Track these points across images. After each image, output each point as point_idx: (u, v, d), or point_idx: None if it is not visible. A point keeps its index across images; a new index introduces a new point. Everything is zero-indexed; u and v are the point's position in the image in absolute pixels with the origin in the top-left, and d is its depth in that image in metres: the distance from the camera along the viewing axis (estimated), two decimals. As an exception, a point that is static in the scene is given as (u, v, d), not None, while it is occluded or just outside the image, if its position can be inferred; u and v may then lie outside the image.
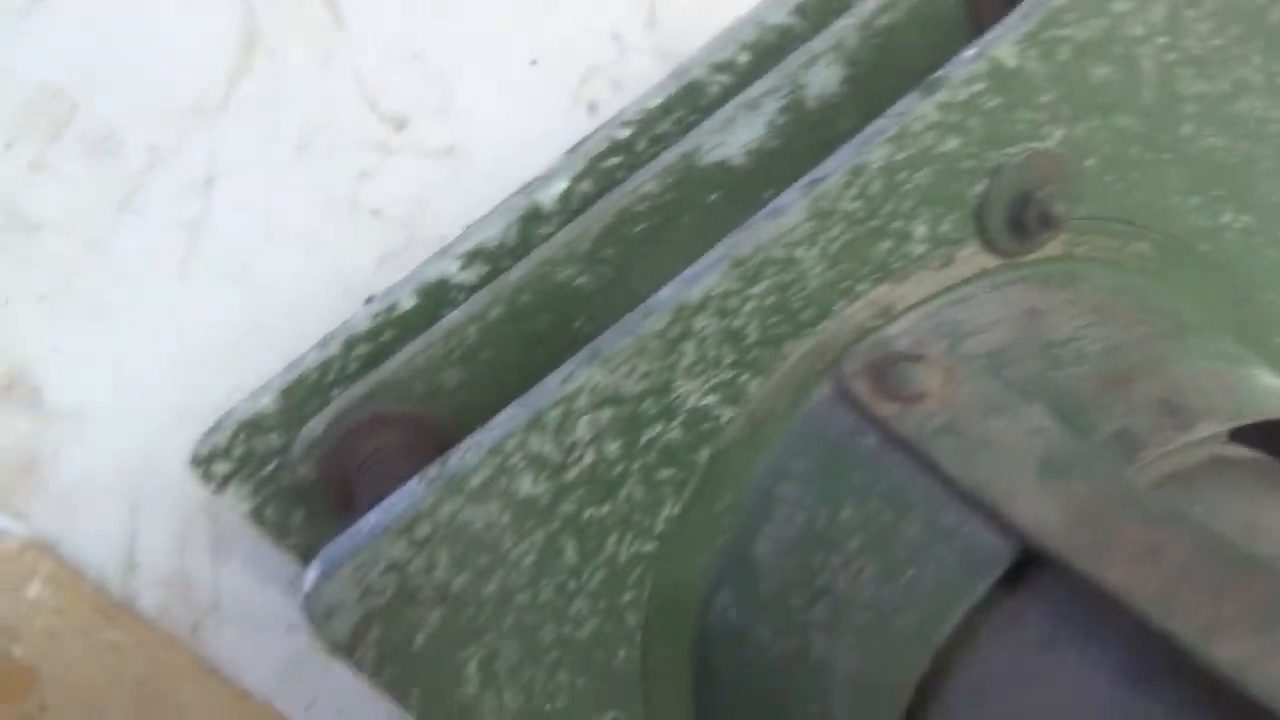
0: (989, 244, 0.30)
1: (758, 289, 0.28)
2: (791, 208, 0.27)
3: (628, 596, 0.29)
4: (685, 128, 0.38)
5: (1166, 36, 0.30)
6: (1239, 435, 0.28)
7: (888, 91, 0.35)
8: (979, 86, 0.28)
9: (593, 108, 0.50)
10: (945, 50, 0.36)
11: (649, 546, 0.29)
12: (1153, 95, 0.30)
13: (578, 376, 0.27)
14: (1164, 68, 0.30)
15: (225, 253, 0.40)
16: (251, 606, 0.45)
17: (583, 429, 0.27)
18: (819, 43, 0.35)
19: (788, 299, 0.28)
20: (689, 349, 0.28)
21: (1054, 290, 0.30)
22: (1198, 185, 0.32)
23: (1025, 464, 0.25)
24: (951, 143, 0.28)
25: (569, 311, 0.35)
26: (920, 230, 0.29)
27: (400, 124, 0.44)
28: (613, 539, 0.28)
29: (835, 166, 0.28)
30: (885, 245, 0.29)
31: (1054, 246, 0.31)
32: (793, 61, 0.35)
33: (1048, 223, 0.29)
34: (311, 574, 0.25)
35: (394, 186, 0.45)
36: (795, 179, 0.35)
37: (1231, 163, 0.33)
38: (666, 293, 0.27)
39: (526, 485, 0.27)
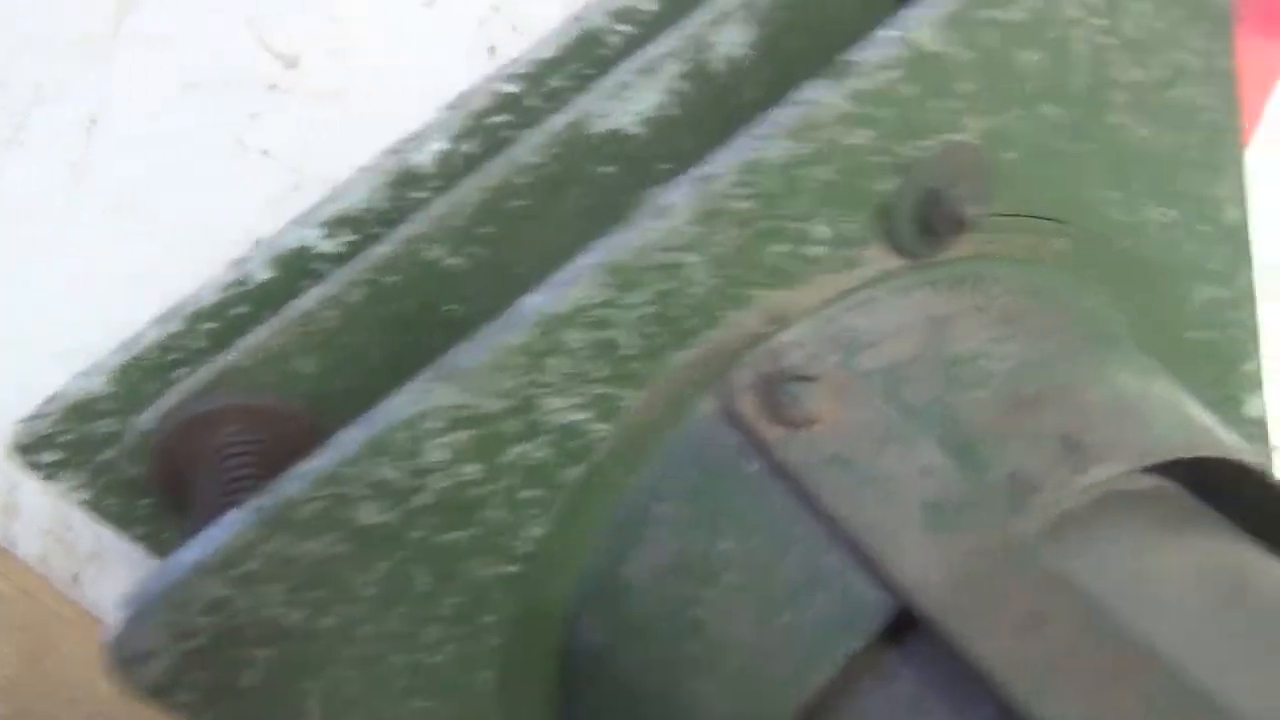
0: (895, 245, 0.27)
1: (636, 298, 0.25)
2: (676, 208, 0.24)
3: (488, 619, 0.27)
4: (582, 82, 0.35)
5: (1105, 19, 0.27)
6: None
7: (801, 56, 0.32)
8: (895, 74, 0.25)
9: (492, 51, 0.47)
10: (868, 9, 0.32)
11: (512, 568, 0.27)
12: (1083, 83, 0.28)
13: (428, 396, 0.24)
14: (1098, 53, 0.27)
15: (111, 190, 0.39)
16: (133, 555, 0.44)
17: (434, 452, 0.24)
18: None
19: (670, 308, 0.25)
20: (556, 364, 0.25)
21: (962, 295, 0.28)
22: (1121, 178, 0.30)
23: (913, 510, 0.23)
24: (860, 135, 0.25)
25: (440, 294, 0.32)
26: (820, 231, 0.26)
27: (292, 63, 0.42)
28: (471, 563, 0.26)
29: (727, 161, 0.24)
30: (781, 248, 0.26)
31: (965, 245, 0.29)
32: (698, 19, 0.31)
33: (958, 226, 0.26)
34: (117, 616, 0.23)
35: (284, 127, 0.44)
36: (697, 151, 0.32)
37: (1157, 154, 0.30)
38: (532, 301, 0.24)
39: (368, 514, 0.24)
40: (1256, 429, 0.40)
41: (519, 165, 0.31)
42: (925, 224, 0.27)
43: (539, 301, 0.24)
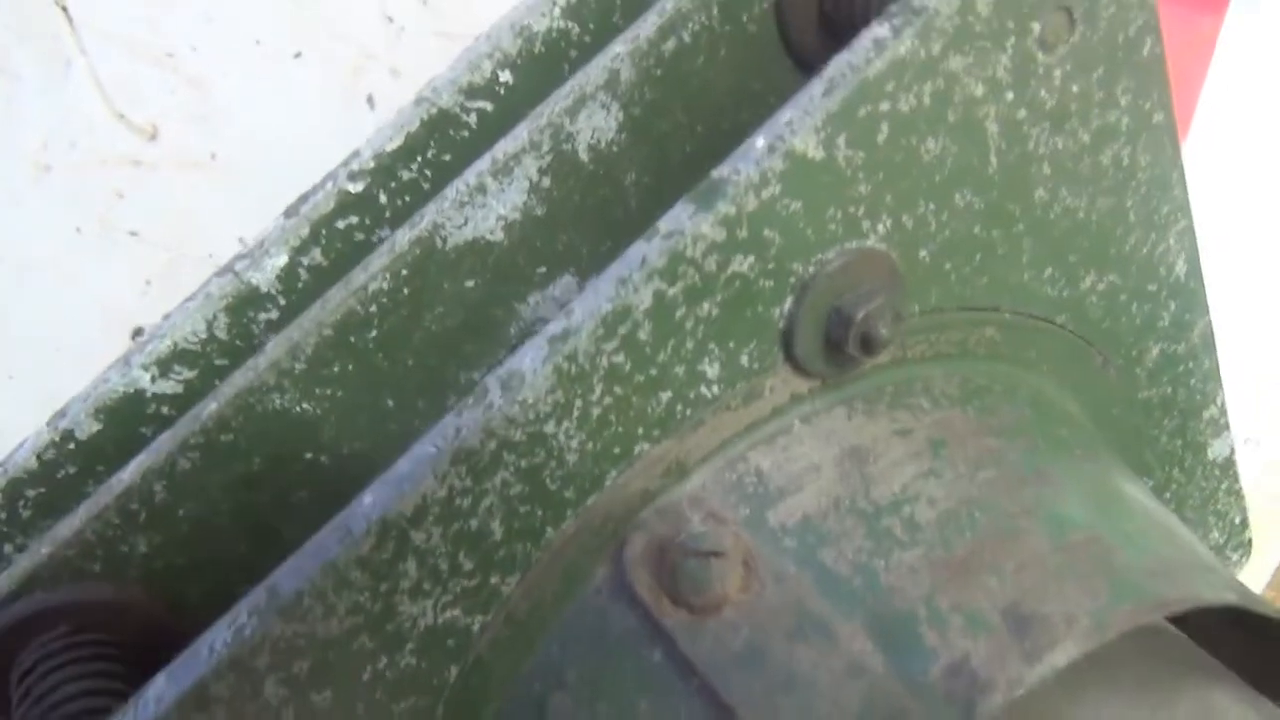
0: (801, 370, 0.24)
1: (495, 481, 0.21)
2: (527, 378, 0.20)
3: None
4: (438, 171, 0.30)
5: (1013, 91, 0.23)
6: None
7: (678, 135, 0.28)
8: (773, 190, 0.21)
9: (371, 101, 0.43)
10: (753, 76, 0.28)
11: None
12: (999, 162, 0.24)
13: (251, 629, 0.20)
14: (1013, 128, 0.23)
15: (-39, 293, 0.36)
16: None
17: (270, 689, 0.20)
18: (587, 78, 0.27)
19: (540, 483, 0.21)
20: (410, 568, 0.21)
21: (882, 415, 0.24)
22: (1053, 253, 0.26)
23: (839, 725, 0.19)
24: (743, 262, 0.21)
25: (293, 444, 0.27)
26: (711, 370, 0.22)
27: (153, 135, 0.38)
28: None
29: (585, 314, 0.20)
30: (665, 396, 0.22)
31: (882, 354, 0.25)
32: (553, 105, 0.27)
33: (871, 345, 0.23)
34: None
35: (152, 204, 0.40)
36: (575, 248, 0.28)
37: (1093, 221, 0.27)
38: (365, 505, 0.20)
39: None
40: (1220, 470, 0.37)
41: (364, 293, 0.26)
42: (833, 345, 0.23)
43: (372, 504, 0.20)
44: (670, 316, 0.21)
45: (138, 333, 0.34)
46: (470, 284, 0.27)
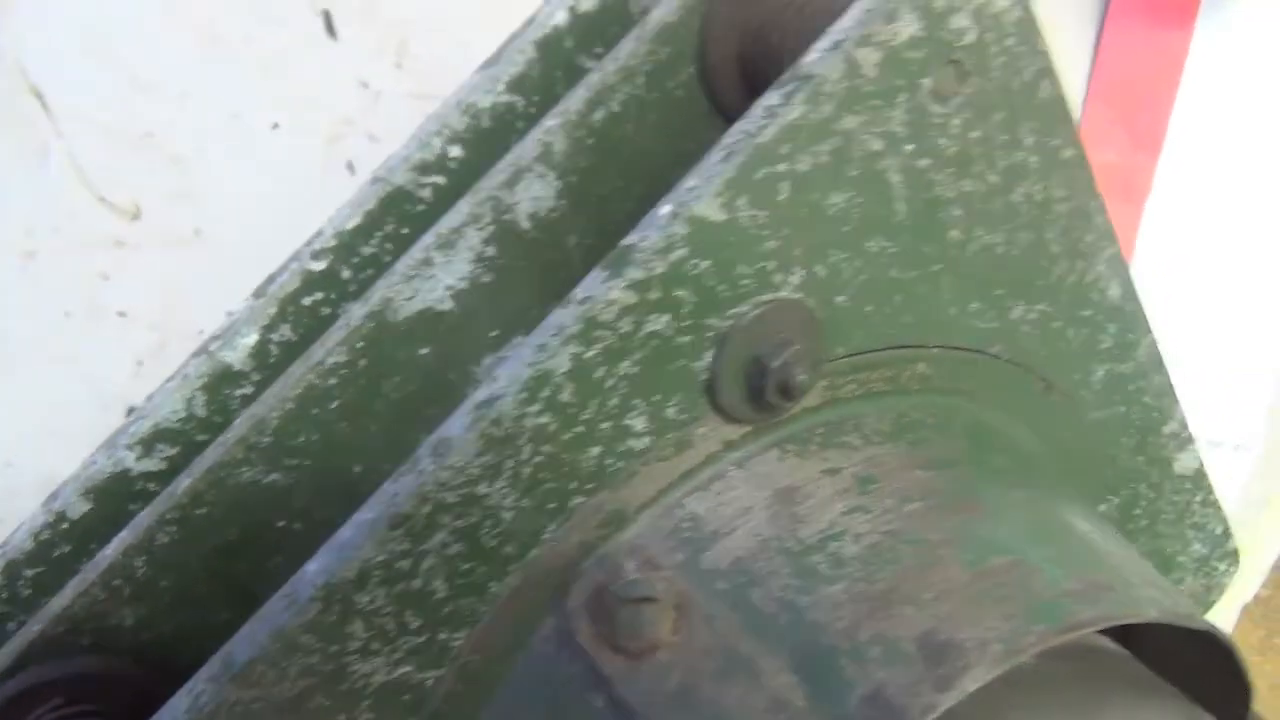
0: (729, 417, 0.25)
1: (434, 542, 0.22)
2: (456, 443, 0.22)
3: None
4: (398, 244, 0.32)
5: (913, 143, 0.24)
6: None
7: (616, 197, 0.30)
8: (680, 253, 0.22)
9: (351, 167, 0.45)
10: (685, 137, 0.30)
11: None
12: (907, 209, 0.25)
13: (208, 697, 0.21)
14: (916, 176, 0.25)
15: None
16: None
17: (233, 753, 0.22)
18: (523, 151, 0.28)
19: (479, 541, 0.23)
20: (357, 629, 0.22)
21: (813, 456, 0.25)
22: (977, 289, 0.27)
23: (762, 760, 0.20)
24: (658, 321, 0.23)
25: (266, 514, 0.29)
26: (639, 424, 0.24)
27: (135, 215, 0.39)
28: None
29: (509, 380, 0.22)
30: (595, 451, 0.23)
31: (813, 396, 0.26)
32: (493, 179, 0.28)
33: (790, 392, 0.24)
34: None
35: (138, 283, 0.41)
36: (526, 309, 0.30)
37: (1014, 256, 0.28)
38: (314, 567, 0.22)
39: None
40: (1191, 483, 0.38)
41: (322, 367, 0.28)
42: (755, 394, 0.24)
43: (316, 571, 0.21)
44: (590, 377, 0.22)
45: (131, 412, 0.35)
46: (425, 351, 0.29)
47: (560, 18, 0.31)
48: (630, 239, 0.22)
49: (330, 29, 0.43)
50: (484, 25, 0.39)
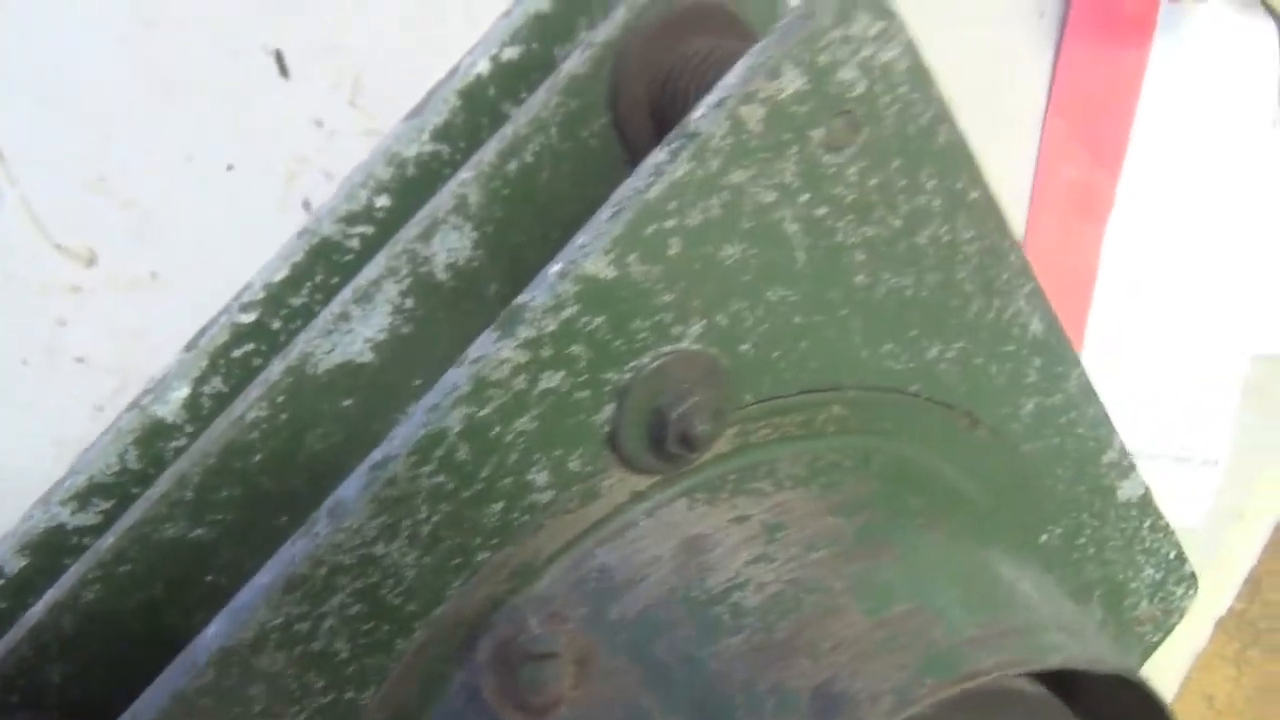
0: (635, 468, 0.25)
1: (333, 604, 0.22)
2: (351, 505, 0.22)
3: None
4: (327, 294, 0.32)
5: (807, 193, 0.24)
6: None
7: (533, 245, 0.30)
8: (571, 310, 0.22)
9: (308, 205, 0.45)
10: (601, 183, 0.30)
11: None
12: (807, 257, 0.25)
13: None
14: (814, 225, 0.25)
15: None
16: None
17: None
18: (438, 204, 0.29)
19: (380, 601, 0.23)
20: (259, 692, 0.22)
21: (723, 503, 0.26)
22: (889, 330, 0.28)
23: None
24: (553, 378, 0.23)
25: (192, 569, 0.29)
26: (541, 478, 0.24)
27: (91, 259, 0.40)
28: None
29: (402, 442, 0.22)
30: (497, 507, 0.24)
31: (724, 443, 0.26)
32: (408, 233, 0.28)
33: (693, 444, 0.24)
34: None
35: (96, 328, 0.41)
36: (450, 355, 0.30)
37: (924, 297, 0.28)
38: (212, 630, 0.22)
39: None
40: (1137, 510, 0.38)
41: (243, 422, 0.28)
42: (656, 446, 0.24)
43: (214, 635, 0.22)
44: (486, 435, 0.23)
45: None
46: (347, 403, 0.29)
47: (483, 66, 0.32)
48: (521, 298, 0.22)
49: (282, 68, 0.43)
50: (436, 62, 0.39)
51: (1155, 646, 0.42)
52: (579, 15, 0.32)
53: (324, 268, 0.32)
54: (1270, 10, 0.55)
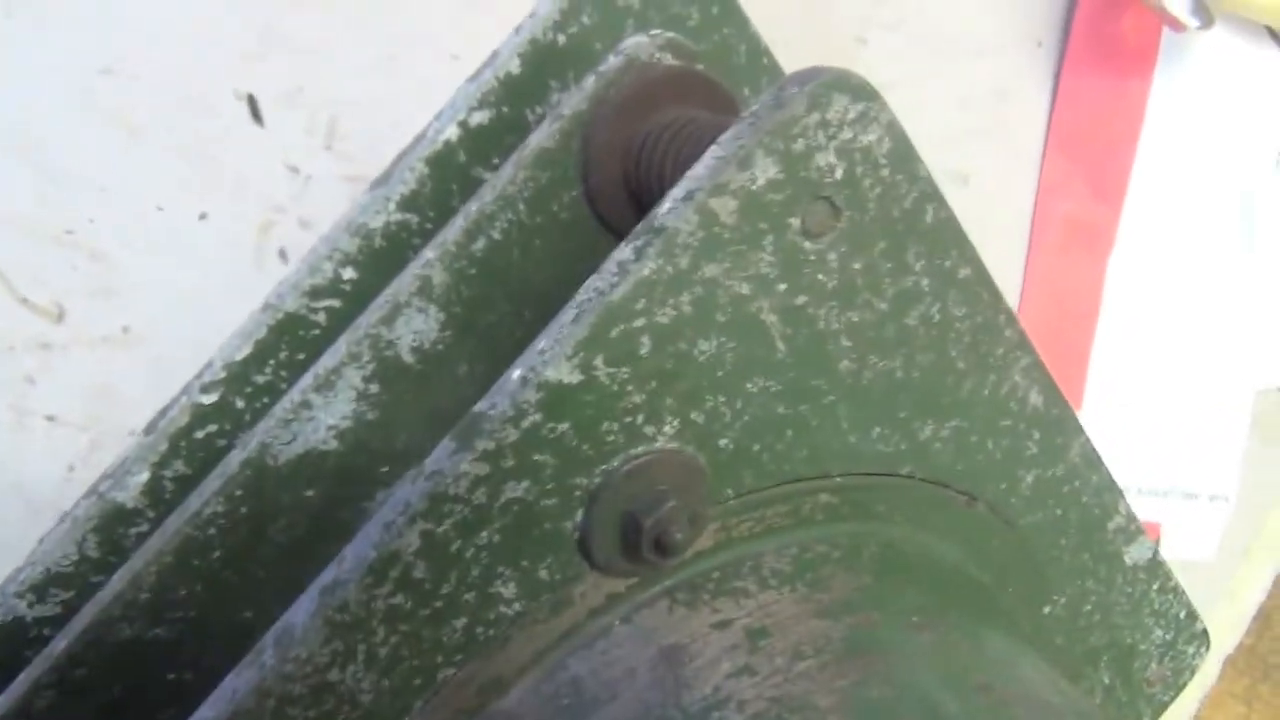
0: (608, 572, 0.24)
1: (284, 734, 0.21)
2: (300, 633, 0.20)
3: None
4: (292, 371, 0.31)
5: (785, 282, 0.23)
6: None
7: (504, 325, 0.29)
8: (534, 419, 0.21)
9: (284, 255, 0.43)
10: (575, 258, 0.29)
11: None
12: (788, 347, 0.24)
13: None
14: (794, 313, 0.23)
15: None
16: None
17: None
18: (400, 286, 0.27)
19: (336, 726, 0.22)
20: (206, 831, 0.21)
21: (704, 606, 0.24)
22: (878, 414, 0.26)
23: None
24: (518, 489, 0.21)
25: (152, 668, 0.28)
26: (508, 590, 0.22)
27: (59, 315, 0.38)
28: None
29: (354, 563, 0.21)
30: (459, 623, 0.22)
31: (706, 538, 0.25)
32: (370, 316, 0.27)
33: (666, 551, 0.23)
34: None
35: (66, 385, 0.40)
36: (417, 443, 0.29)
37: (915, 377, 0.26)
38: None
39: None
40: (1145, 573, 0.36)
41: (200, 518, 0.27)
42: (629, 552, 0.23)
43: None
44: (445, 552, 0.21)
45: (63, 519, 0.34)
46: (310, 493, 0.28)
47: (451, 132, 0.30)
48: (481, 405, 0.21)
49: (256, 113, 0.42)
50: (413, 105, 0.38)
51: (1167, 705, 0.41)
52: (550, 77, 0.31)
53: (289, 344, 0.31)
54: (1277, 38, 0.54)
